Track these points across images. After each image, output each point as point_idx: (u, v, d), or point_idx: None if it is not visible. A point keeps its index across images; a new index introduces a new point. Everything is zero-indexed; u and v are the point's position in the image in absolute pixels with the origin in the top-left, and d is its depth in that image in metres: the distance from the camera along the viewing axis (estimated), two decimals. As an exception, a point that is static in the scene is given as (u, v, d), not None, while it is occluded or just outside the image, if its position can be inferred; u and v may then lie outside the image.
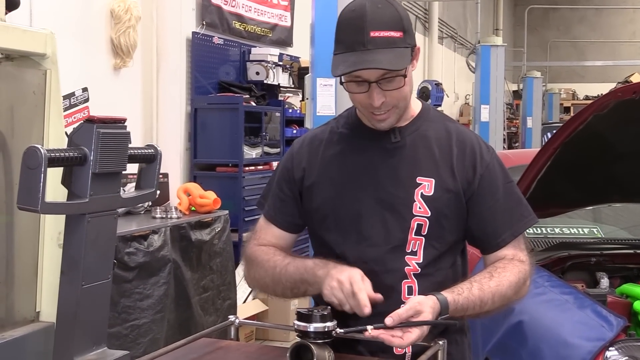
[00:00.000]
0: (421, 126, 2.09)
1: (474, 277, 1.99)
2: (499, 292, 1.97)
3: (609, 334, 2.71)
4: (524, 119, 15.73)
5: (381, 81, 1.92)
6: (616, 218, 4.52)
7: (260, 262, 2.13)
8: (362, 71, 1.90)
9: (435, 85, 11.57)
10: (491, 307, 1.97)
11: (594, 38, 25.13)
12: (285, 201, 2.16)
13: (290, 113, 7.53)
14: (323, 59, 4.69)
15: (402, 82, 1.95)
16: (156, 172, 3.14)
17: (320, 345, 1.78)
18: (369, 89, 1.93)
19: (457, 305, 1.88)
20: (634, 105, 2.88)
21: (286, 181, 2.16)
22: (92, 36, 5.45)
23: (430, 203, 2.01)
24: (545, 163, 3.24)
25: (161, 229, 4.71)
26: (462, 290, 1.92)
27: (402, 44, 1.92)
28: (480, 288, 1.94)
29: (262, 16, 7.82)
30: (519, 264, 2.06)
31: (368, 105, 1.97)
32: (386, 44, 1.89)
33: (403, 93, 1.98)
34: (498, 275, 1.99)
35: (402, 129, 2.07)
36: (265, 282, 2.12)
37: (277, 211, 2.18)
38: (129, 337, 4.35)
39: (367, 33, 1.89)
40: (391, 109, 1.98)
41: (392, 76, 1.92)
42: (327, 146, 2.12)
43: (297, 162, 2.14)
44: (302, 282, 2.00)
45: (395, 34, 1.91)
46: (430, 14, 15.92)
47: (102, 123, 2.91)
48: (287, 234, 2.19)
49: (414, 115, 2.10)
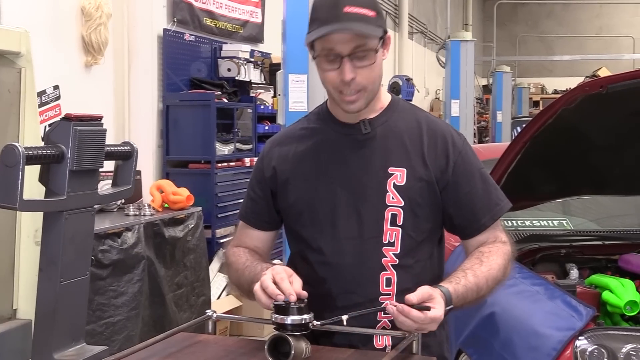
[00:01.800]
0: (391, 117, 2.12)
1: (464, 265, 2.03)
2: (491, 275, 2.01)
3: (579, 324, 2.75)
4: (494, 113, 15.80)
5: (353, 56, 1.95)
6: (585, 210, 4.58)
7: (230, 264, 2.19)
8: (335, 43, 1.93)
9: (405, 81, 11.59)
10: (486, 291, 2.01)
11: (561, 33, 25.34)
12: (256, 201, 2.19)
13: (262, 109, 7.52)
14: (295, 55, 4.71)
15: (374, 59, 1.97)
16: (132, 169, 3.15)
17: (297, 338, 1.80)
18: (341, 64, 1.95)
19: (458, 294, 1.91)
20: (601, 99, 2.92)
21: (258, 181, 2.19)
22: (63, 34, 5.41)
23: (403, 192, 2.04)
24: (516, 156, 3.28)
25: (135, 226, 4.71)
26: (459, 279, 1.95)
27: (374, 22, 1.96)
28: (474, 275, 1.98)
29: (233, 13, 7.81)
30: (502, 245, 2.10)
31: (339, 84, 1.98)
32: (359, 19, 1.93)
33: (374, 73, 2.00)
34: (487, 259, 2.03)
35: (372, 121, 2.09)
36: (237, 283, 2.17)
37: (250, 211, 2.22)
38: (103, 334, 4.35)
39: (341, 8, 1.92)
40: (360, 90, 1.99)
41: (364, 50, 1.95)
42: (298, 143, 2.15)
43: (267, 162, 2.17)
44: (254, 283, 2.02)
45: (368, 12, 1.95)
46: (400, 9, 15.96)
47: (78, 120, 2.91)
48: (262, 233, 2.22)
49: (383, 107, 2.13)
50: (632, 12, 24.83)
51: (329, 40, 1.94)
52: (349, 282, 2.04)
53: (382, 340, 2.04)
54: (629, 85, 2.86)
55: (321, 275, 2.07)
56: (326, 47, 1.96)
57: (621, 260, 3.61)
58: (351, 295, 2.02)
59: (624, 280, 3.24)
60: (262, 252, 2.23)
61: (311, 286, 2.02)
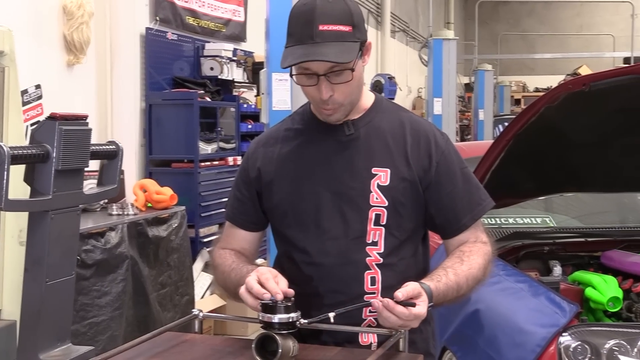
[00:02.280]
0: (374, 118, 2.12)
1: (445, 263, 2.04)
2: (472, 274, 2.02)
3: (563, 320, 2.77)
4: (476, 112, 15.87)
5: (329, 74, 1.95)
6: (567, 207, 4.61)
7: (217, 266, 2.19)
8: (310, 64, 1.93)
9: (388, 79, 11.64)
10: (466, 290, 2.02)
11: (542, 31, 25.46)
12: (243, 202, 2.19)
13: (245, 108, 7.52)
14: (278, 53, 4.62)
15: (350, 76, 1.97)
16: (118, 168, 3.15)
17: (285, 336, 1.80)
18: (318, 81, 1.96)
19: (439, 292, 1.92)
20: (584, 97, 2.94)
21: (243, 182, 2.20)
22: (45, 33, 5.39)
23: (387, 192, 2.05)
24: (499, 154, 3.30)
25: (118, 226, 4.70)
26: (440, 277, 1.96)
27: (350, 38, 1.95)
28: (455, 273, 1.99)
29: (215, 11, 7.79)
30: (483, 245, 2.11)
31: (317, 100, 2.00)
32: (334, 37, 1.92)
33: (350, 88, 2.00)
34: (468, 258, 2.04)
35: (355, 122, 2.10)
36: (223, 285, 2.18)
37: (236, 212, 2.22)
38: (87, 334, 4.33)
39: (315, 26, 1.91)
40: (338, 106, 2.01)
41: (340, 69, 1.95)
42: (283, 143, 2.15)
43: (252, 163, 2.17)
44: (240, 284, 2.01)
45: (344, 28, 1.94)
46: (382, 8, 15.99)
47: (64, 120, 2.90)
48: (249, 234, 2.23)
49: (366, 108, 2.13)
50: (612, 10, 24.99)
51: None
52: (334, 281, 2.05)
53: (367, 338, 2.05)
54: (611, 83, 2.88)
55: (307, 275, 2.08)
56: (302, 66, 1.96)
57: (603, 257, 3.64)
58: (336, 295, 2.03)
59: (606, 277, 3.27)
60: (249, 253, 2.23)
61: (297, 286, 2.03)
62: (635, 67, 2.83)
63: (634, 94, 3.00)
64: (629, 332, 2.76)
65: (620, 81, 2.87)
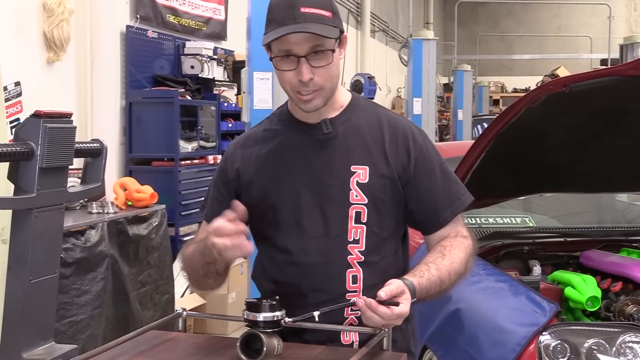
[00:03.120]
0: (352, 116, 2.14)
1: (427, 259, 2.05)
2: (454, 269, 2.04)
3: (543, 319, 2.80)
4: (455, 112, 15.94)
5: (310, 56, 1.96)
6: (547, 207, 4.65)
7: (184, 260, 2.17)
8: (292, 44, 1.95)
9: (367, 79, 11.64)
10: (448, 285, 2.03)
11: (521, 32, 25.61)
12: (221, 202, 2.18)
13: (226, 107, 7.51)
14: (260, 52, 4.66)
15: (331, 58, 1.99)
16: (102, 166, 3.14)
17: (269, 335, 1.81)
18: (298, 64, 1.97)
19: (422, 288, 1.93)
20: (564, 98, 2.96)
21: (222, 182, 2.20)
22: (24, 29, 5.35)
23: (366, 190, 2.06)
24: (480, 154, 3.31)
25: (98, 224, 4.68)
26: (422, 273, 1.97)
27: (331, 22, 1.98)
28: (437, 268, 2.00)
29: (196, 10, 7.78)
30: (463, 239, 2.13)
31: (296, 84, 2.00)
32: (315, 19, 1.95)
33: (331, 72, 2.01)
34: (449, 253, 2.06)
35: (333, 120, 2.11)
36: (192, 277, 2.16)
37: (215, 212, 2.20)
38: (66, 333, 4.31)
39: (297, 9, 1.94)
40: (318, 90, 2.01)
41: (321, 50, 1.97)
42: (261, 144, 2.16)
43: (231, 163, 2.18)
44: (205, 261, 2.02)
45: (325, 13, 1.97)
46: (362, 7, 16.01)
47: (48, 117, 2.89)
48: None
49: (344, 106, 2.15)
50: (589, 12, 25.17)
51: (285, 41, 1.96)
52: (315, 280, 2.06)
53: (349, 336, 2.06)
54: (591, 84, 2.90)
55: (288, 275, 2.09)
56: (283, 48, 1.97)
57: (582, 257, 3.67)
58: (318, 294, 2.04)
59: (585, 277, 3.30)
60: None
61: (279, 285, 2.04)
62: (615, 69, 2.86)
63: (614, 96, 3.03)
64: (608, 332, 2.79)
65: (600, 83, 2.90)
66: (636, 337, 2.74)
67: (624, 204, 4.89)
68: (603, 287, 3.29)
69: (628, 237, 3.92)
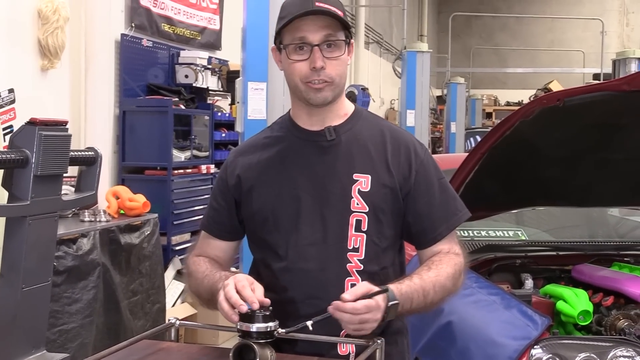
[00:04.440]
0: (355, 125, 2.14)
1: (413, 272, 2.05)
2: (439, 282, 2.03)
3: (534, 333, 2.79)
4: (448, 124, 15.98)
5: (323, 47, 1.99)
6: (539, 221, 4.65)
7: (190, 274, 2.18)
8: (306, 31, 1.98)
9: (361, 90, 11.68)
10: (434, 297, 2.02)
11: (515, 46, 25.70)
12: (219, 211, 2.19)
13: (219, 116, 7.51)
14: (254, 62, 4.71)
15: (343, 51, 2.02)
16: (96, 174, 3.13)
17: (262, 345, 1.81)
18: (311, 53, 1.99)
19: (401, 292, 1.92)
20: (558, 112, 2.97)
21: (220, 191, 2.20)
22: (19, 37, 5.35)
23: (368, 198, 2.06)
24: (474, 167, 3.32)
25: (90, 233, 4.67)
26: (402, 280, 1.97)
27: (343, 20, 2.02)
28: (420, 278, 2.00)
29: (191, 19, 7.79)
30: (455, 256, 2.12)
31: (307, 74, 2.01)
32: (330, 14, 1.98)
33: (341, 66, 2.04)
34: (436, 267, 2.06)
35: (337, 128, 2.12)
36: (196, 292, 2.18)
37: (212, 221, 2.22)
38: (57, 342, 4.29)
39: (312, 2, 1.97)
40: (329, 82, 2.02)
41: (334, 40, 2.00)
42: (263, 151, 2.16)
43: (231, 171, 2.17)
44: (212, 295, 2.03)
45: (338, 11, 2.01)
46: (356, 19, 16.06)
47: (43, 125, 2.89)
48: (224, 243, 2.23)
49: (347, 115, 2.15)
50: (583, 27, 25.29)
51: (300, 28, 1.98)
52: (313, 287, 2.05)
53: (345, 348, 2.05)
54: (584, 99, 2.91)
55: (285, 282, 2.08)
56: (297, 36, 2.00)
57: (574, 271, 3.67)
58: (316, 301, 2.02)
59: (577, 290, 3.30)
60: (223, 262, 2.23)
61: (275, 293, 2.03)
62: (609, 84, 2.87)
63: (607, 110, 3.04)
64: (599, 346, 2.79)
65: (593, 97, 2.91)
66: (627, 352, 2.74)
67: (615, 218, 4.89)
68: (595, 302, 3.29)
69: (620, 251, 3.92)
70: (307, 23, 1.98)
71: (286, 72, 2.07)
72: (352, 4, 15.83)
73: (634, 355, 2.73)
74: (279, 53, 2.09)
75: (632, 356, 2.73)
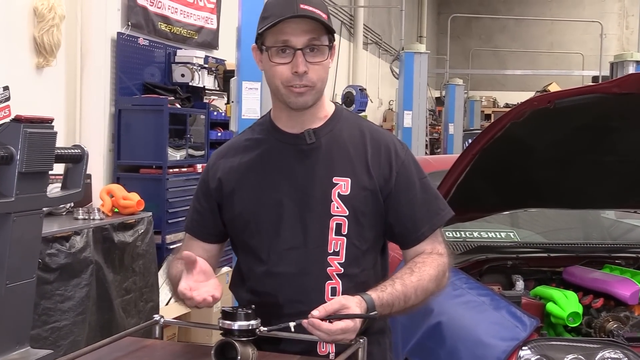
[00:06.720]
0: (335, 127, 2.14)
1: (395, 275, 2.04)
2: (421, 286, 2.02)
3: (523, 334, 2.80)
4: (446, 125, 15.98)
5: (305, 51, 1.98)
6: (532, 223, 4.65)
7: (169, 276, 2.20)
8: (290, 34, 1.96)
9: (359, 91, 11.66)
10: (415, 301, 2.02)
11: (514, 47, 25.70)
12: (201, 213, 2.19)
13: (215, 116, 7.52)
14: (249, 62, 4.70)
15: (326, 56, 2.01)
16: (82, 172, 3.14)
17: (244, 343, 1.81)
18: (293, 57, 1.98)
19: (382, 302, 1.92)
20: (549, 114, 2.97)
21: (203, 193, 2.20)
22: (14, 34, 5.35)
23: (348, 202, 2.06)
24: (465, 168, 3.32)
25: (83, 231, 4.66)
26: (385, 287, 1.97)
27: (327, 23, 2.00)
28: (402, 284, 1.99)
29: (188, 18, 7.79)
30: (438, 257, 2.12)
31: (289, 78, 2.00)
32: (313, 17, 1.97)
33: (323, 71, 2.03)
34: (418, 270, 2.05)
35: (316, 130, 2.11)
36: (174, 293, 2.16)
37: (195, 223, 2.22)
38: (49, 339, 4.29)
39: (297, 4, 1.96)
40: (310, 86, 2.01)
41: (318, 45, 1.98)
42: (244, 153, 2.16)
43: (213, 174, 2.17)
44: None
45: (322, 14, 1.99)
46: (355, 20, 16.06)
47: (29, 122, 2.89)
48: (208, 245, 2.23)
49: (327, 116, 2.14)
50: (582, 29, 25.30)
51: (283, 31, 1.97)
52: (294, 291, 2.05)
53: (325, 347, 2.06)
54: (575, 101, 2.91)
55: (267, 285, 2.08)
56: (280, 39, 1.98)
57: (565, 273, 3.68)
58: (297, 305, 2.03)
59: (567, 292, 3.30)
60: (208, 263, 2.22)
61: (258, 296, 2.04)
62: (599, 87, 2.88)
63: (598, 113, 3.05)
64: (587, 347, 2.79)
65: (584, 99, 2.91)
66: (615, 354, 2.75)
67: (609, 220, 4.90)
68: (585, 303, 3.30)
69: (611, 253, 3.93)
70: (291, 26, 1.97)
71: (267, 74, 2.06)
72: (351, 5, 15.83)
73: (621, 357, 2.74)
74: (259, 53, 2.08)
75: (620, 358, 2.73)
